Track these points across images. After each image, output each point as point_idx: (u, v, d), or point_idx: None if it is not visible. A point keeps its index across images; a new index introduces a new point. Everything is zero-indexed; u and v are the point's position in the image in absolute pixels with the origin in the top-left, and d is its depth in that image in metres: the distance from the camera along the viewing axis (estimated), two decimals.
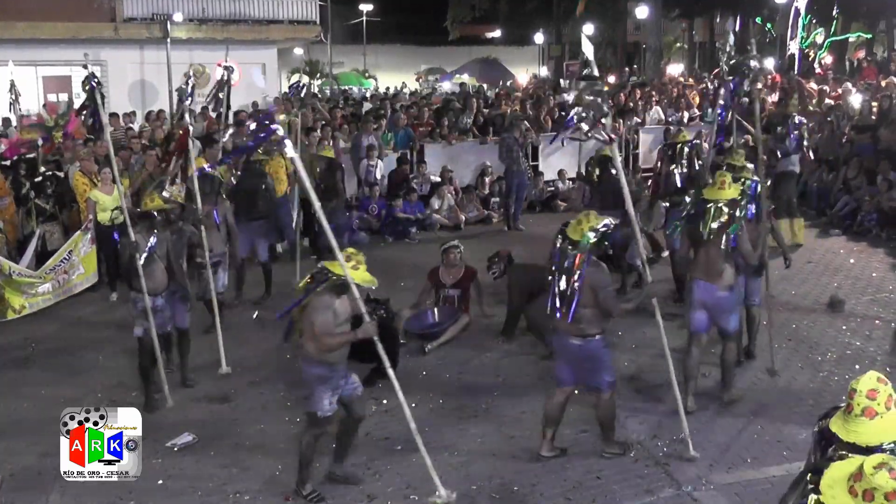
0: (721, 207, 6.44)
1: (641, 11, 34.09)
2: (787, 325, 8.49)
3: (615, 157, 6.27)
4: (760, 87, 7.77)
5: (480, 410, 6.90)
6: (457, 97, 21.08)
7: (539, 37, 44.98)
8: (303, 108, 11.95)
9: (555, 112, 16.91)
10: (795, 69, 22.56)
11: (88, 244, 9.97)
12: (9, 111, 14.82)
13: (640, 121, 16.98)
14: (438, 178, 14.52)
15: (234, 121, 15.05)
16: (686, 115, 17.03)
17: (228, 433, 6.61)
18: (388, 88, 37.87)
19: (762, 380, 7.26)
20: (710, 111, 14.56)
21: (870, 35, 31.60)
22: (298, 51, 40.55)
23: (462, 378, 7.61)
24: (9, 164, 11.61)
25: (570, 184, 15.25)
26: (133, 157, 11.95)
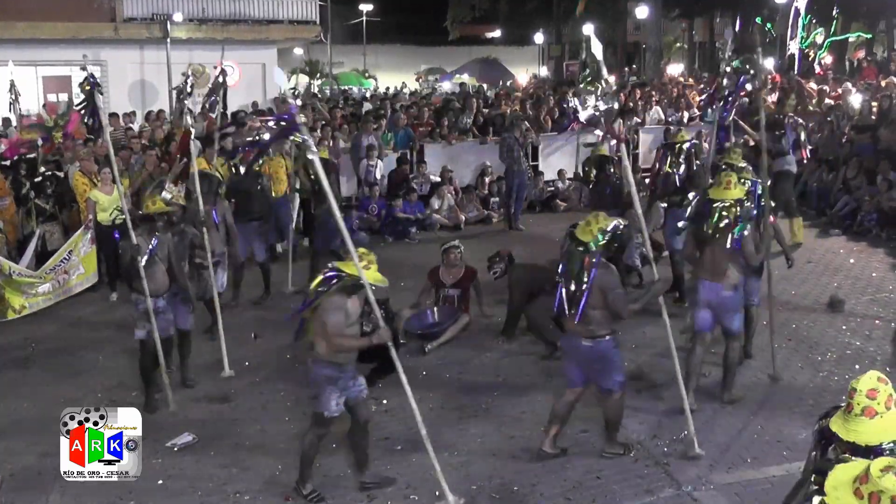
0: (727, 207, 6.45)
1: (641, 11, 34.08)
2: (787, 325, 8.49)
3: (624, 157, 6.29)
4: (761, 88, 7.76)
5: (480, 410, 6.91)
6: (456, 97, 21.09)
7: (539, 37, 44.98)
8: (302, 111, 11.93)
9: (555, 112, 16.93)
10: (795, 69, 22.58)
11: (88, 244, 9.96)
12: (9, 111, 14.82)
13: (640, 121, 16.98)
14: (438, 178, 14.53)
15: (235, 121, 15.06)
16: (686, 115, 17.04)
17: (228, 433, 6.61)
18: (388, 88, 37.88)
19: (762, 380, 7.26)
20: (710, 111, 14.55)
21: (870, 35, 31.61)
22: (298, 51, 40.58)
23: (462, 378, 7.61)
24: (9, 164, 11.61)
25: (570, 184, 15.27)
26: (133, 157, 11.95)
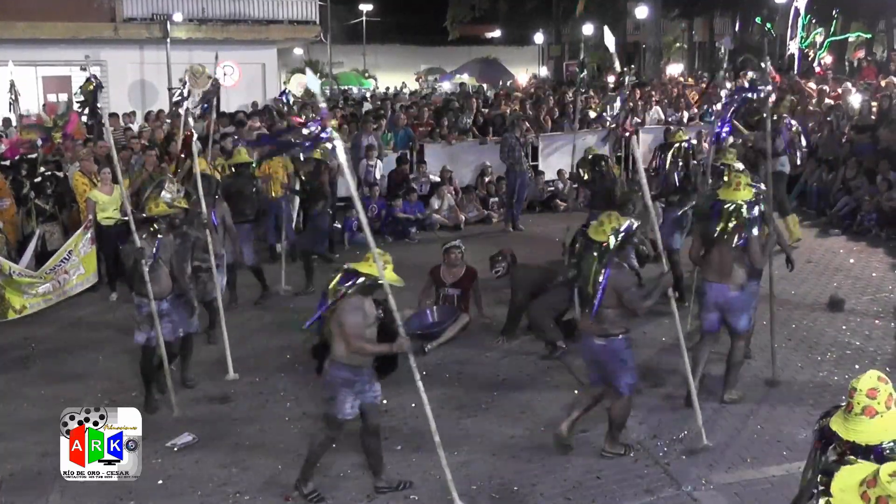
0: (737, 208, 6.44)
1: (641, 11, 34.08)
2: (787, 325, 8.49)
3: (635, 151, 6.29)
4: (770, 89, 7.76)
5: (480, 410, 6.91)
6: (456, 97, 21.09)
7: (539, 37, 44.97)
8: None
9: (555, 112, 16.93)
10: (795, 69, 22.57)
11: (88, 244, 9.95)
12: (9, 111, 14.83)
13: (640, 121, 16.96)
14: (438, 178, 14.52)
15: (235, 121, 15.06)
16: (686, 115, 17.04)
17: (228, 433, 6.61)
18: (388, 88, 37.87)
19: (762, 380, 7.26)
20: (710, 112, 14.56)
21: (869, 35, 31.59)
22: (298, 51, 40.52)
23: (462, 378, 7.61)
24: (9, 165, 11.62)
25: (570, 183, 15.26)
26: (133, 158, 11.95)
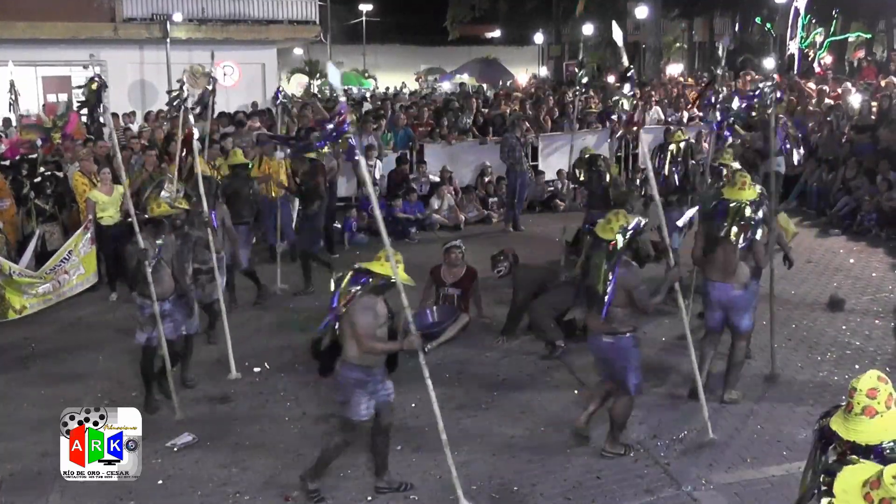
0: (743, 207, 6.45)
1: (641, 11, 34.06)
2: (787, 325, 8.49)
3: (643, 145, 6.29)
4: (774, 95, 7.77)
5: (480, 410, 6.91)
6: (456, 97, 21.09)
7: (539, 37, 44.97)
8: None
9: (555, 112, 16.92)
10: (795, 69, 22.58)
11: (88, 244, 9.96)
12: (9, 111, 14.82)
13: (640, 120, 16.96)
14: (438, 178, 14.52)
15: (235, 121, 15.07)
16: (686, 115, 17.03)
17: (228, 433, 6.61)
18: (388, 88, 37.85)
19: (762, 379, 7.26)
20: (711, 112, 14.53)
21: (869, 35, 31.59)
22: (298, 51, 40.53)
23: (462, 378, 7.61)
24: (9, 165, 11.62)
25: (568, 184, 15.26)
26: (133, 158, 11.95)
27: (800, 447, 5.68)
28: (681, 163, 9.49)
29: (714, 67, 9.61)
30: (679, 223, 8.05)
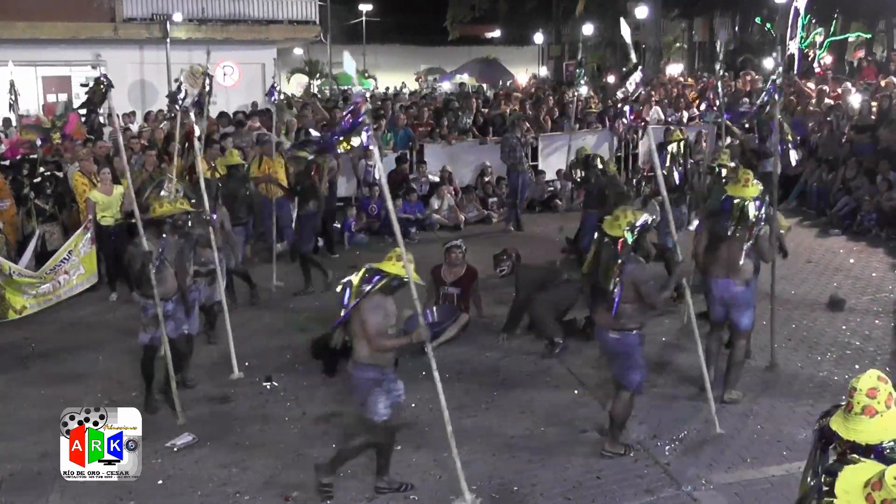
0: (748, 204, 6.49)
1: (641, 11, 34.04)
2: (787, 325, 8.49)
3: (650, 142, 6.32)
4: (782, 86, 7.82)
5: (480, 410, 6.90)
6: (456, 97, 21.09)
7: (539, 37, 44.96)
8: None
9: (554, 112, 16.92)
10: (795, 69, 22.56)
11: (88, 244, 9.96)
12: (9, 111, 14.82)
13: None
14: (438, 178, 14.52)
15: (234, 121, 15.06)
16: (686, 115, 17.04)
17: (228, 433, 6.61)
18: (388, 88, 37.84)
19: (762, 379, 7.26)
20: (711, 112, 14.54)
21: (869, 35, 31.58)
22: (298, 51, 40.54)
23: (462, 378, 7.61)
24: (9, 165, 11.62)
25: (570, 183, 15.27)
26: (133, 158, 11.94)
27: (800, 447, 5.68)
28: (680, 162, 9.50)
29: (716, 64, 9.64)
30: (691, 228, 8.11)
